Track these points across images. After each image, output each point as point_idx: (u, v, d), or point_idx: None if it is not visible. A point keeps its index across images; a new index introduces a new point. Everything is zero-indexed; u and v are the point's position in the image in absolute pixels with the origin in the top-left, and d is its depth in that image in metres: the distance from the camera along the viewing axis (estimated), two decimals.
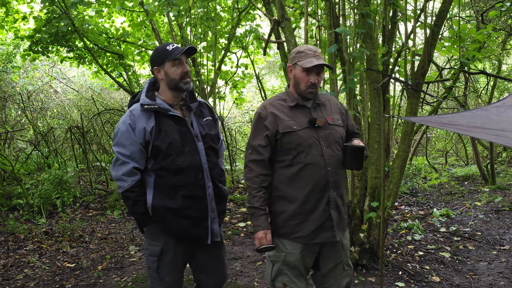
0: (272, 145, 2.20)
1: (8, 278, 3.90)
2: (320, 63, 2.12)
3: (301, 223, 2.17)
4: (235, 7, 7.11)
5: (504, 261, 4.12)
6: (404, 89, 5.39)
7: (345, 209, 2.29)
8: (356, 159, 2.16)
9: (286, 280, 2.20)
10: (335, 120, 2.25)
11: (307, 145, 2.15)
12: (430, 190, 7.52)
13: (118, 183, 2.25)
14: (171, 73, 2.25)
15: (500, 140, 1.81)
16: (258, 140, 2.20)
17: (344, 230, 2.28)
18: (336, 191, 2.21)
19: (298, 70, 2.17)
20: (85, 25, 6.37)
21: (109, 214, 5.94)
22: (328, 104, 2.30)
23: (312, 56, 2.14)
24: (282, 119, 2.18)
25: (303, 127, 2.17)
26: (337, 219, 2.21)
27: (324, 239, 2.18)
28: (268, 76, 15.09)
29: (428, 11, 4.57)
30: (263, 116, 2.22)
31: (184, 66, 2.26)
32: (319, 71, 2.18)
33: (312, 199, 2.16)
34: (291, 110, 2.21)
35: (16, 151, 9.01)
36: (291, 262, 2.19)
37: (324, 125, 2.19)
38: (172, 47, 2.24)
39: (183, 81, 2.25)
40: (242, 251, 4.51)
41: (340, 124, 2.27)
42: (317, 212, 2.16)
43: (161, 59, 2.25)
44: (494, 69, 9.33)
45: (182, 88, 2.27)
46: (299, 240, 2.18)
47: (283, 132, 2.16)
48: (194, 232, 2.29)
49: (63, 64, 8.26)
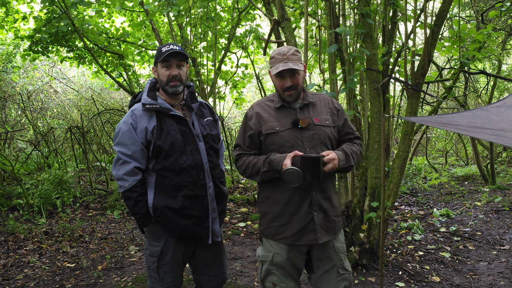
0: (257, 145, 2.23)
1: (8, 278, 3.90)
2: (284, 68, 2.08)
3: (285, 225, 2.18)
4: (235, 7, 7.11)
5: (504, 261, 4.12)
6: (404, 89, 5.39)
7: (335, 211, 2.24)
8: (309, 170, 2.01)
9: (275, 280, 2.21)
10: (323, 120, 2.21)
11: (290, 146, 2.14)
12: (430, 190, 7.52)
13: (119, 183, 2.25)
14: (160, 75, 2.27)
15: (500, 140, 1.81)
16: (241, 140, 2.26)
17: (334, 233, 2.22)
18: (321, 193, 2.17)
19: (273, 76, 2.19)
20: (85, 25, 6.37)
21: (109, 214, 5.94)
22: (319, 104, 2.27)
23: (280, 60, 2.12)
24: (266, 120, 2.20)
25: (286, 128, 2.16)
26: (322, 222, 2.16)
27: (307, 241, 2.16)
28: (268, 76, 15.08)
29: (428, 11, 4.57)
30: (248, 116, 2.26)
31: (172, 69, 2.24)
32: (292, 73, 2.14)
33: (295, 201, 2.15)
34: (277, 111, 2.22)
35: (16, 151, 9.01)
36: (278, 262, 2.20)
37: (309, 126, 2.16)
38: (167, 49, 2.23)
39: (170, 84, 2.24)
40: (242, 251, 4.51)
41: (329, 124, 2.22)
42: (300, 214, 2.15)
43: (156, 60, 2.28)
44: (494, 69, 9.33)
45: (168, 91, 2.26)
46: (284, 241, 2.18)
47: (266, 133, 2.18)
48: (195, 232, 2.29)
49: (63, 64, 8.27)
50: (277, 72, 2.11)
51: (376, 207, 3.82)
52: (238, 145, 2.28)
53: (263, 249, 2.26)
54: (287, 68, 2.09)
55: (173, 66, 2.24)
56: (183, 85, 2.29)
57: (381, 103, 3.90)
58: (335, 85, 3.99)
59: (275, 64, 2.14)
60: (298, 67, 2.11)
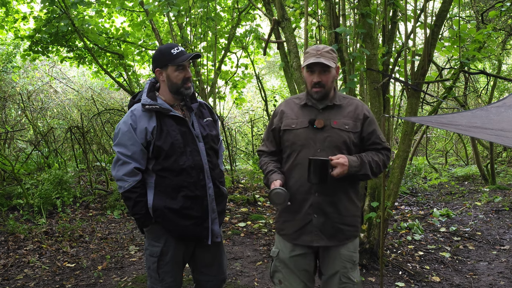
0: (277, 140, 2.29)
1: (8, 278, 3.90)
2: (314, 61, 2.05)
3: (287, 221, 2.21)
4: (235, 7, 7.11)
5: (504, 261, 4.12)
6: (404, 89, 5.39)
7: (343, 219, 2.15)
8: (317, 173, 1.99)
9: (281, 277, 2.24)
10: (341, 124, 2.14)
11: (301, 144, 2.15)
12: (430, 190, 7.52)
13: (119, 183, 2.25)
14: (173, 78, 2.24)
15: (500, 140, 1.81)
16: (266, 134, 2.36)
17: (339, 240, 2.16)
18: (324, 196, 2.11)
19: (304, 71, 2.19)
20: (85, 25, 6.37)
21: (109, 214, 5.94)
22: (345, 108, 2.19)
23: (314, 55, 2.10)
24: (287, 117, 2.23)
25: (302, 127, 2.17)
26: (322, 226, 2.12)
27: (304, 242, 2.16)
28: (268, 76, 15.10)
29: (428, 11, 4.57)
30: (274, 113, 2.32)
31: (186, 71, 2.25)
32: (323, 69, 2.09)
33: (297, 200, 2.16)
34: (300, 109, 2.22)
35: (16, 151, 9.01)
36: (283, 260, 2.23)
37: (325, 128, 2.13)
38: (177, 51, 2.22)
39: (185, 86, 2.25)
40: (242, 251, 4.51)
41: (348, 129, 2.14)
42: (300, 214, 2.16)
43: (165, 62, 2.23)
44: (494, 69, 9.33)
45: (183, 93, 2.28)
46: (285, 238, 2.23)
47: (283, 129, 2.22)
48: (195, 232, 2.29)
49: (63, 64, 8.26)
50: (307, 64, 2.08)
51: (376, 207, 3.82)
52: (262, 139, 2.39)
53: (274, 244, 2.32)
54: (317, 62, 2.06)
55: (186, 68, 2.25)
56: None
57: (381, 103, 3.90)
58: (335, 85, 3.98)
59: (307, 59, 2.11)
60: (329, 63, 2.07)
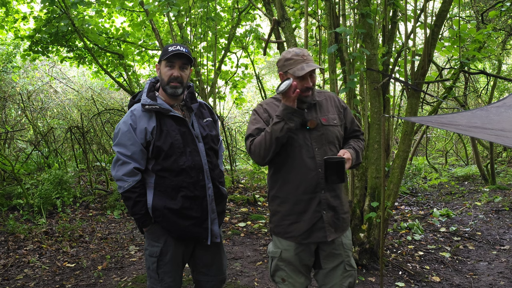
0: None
1: (8, 278, 3.90)
2: (311, 68, 2.07)
3: (293, 223, 2.19)
4: (235, 7, 7.11)
5: (504, 261, 4.12)
6: (404, 89, 5.39)
7: (344, 208, 2.26)
8: (335, 173, 2.03)
9: (284, 275, 2.25)
10: (330, 120, 2.22)
11: (298, 146, 2.15)
12: (430, 190, 7.52)
13: (119, 184, 2.25)
14: (163, 73, 2.26)
15: (500, 140, 1.80)
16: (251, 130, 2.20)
17: (342, 230, 2.26)
18: (329, 192, 2.18)
19: (292, 77, 2.12)
20: (85, 25, 6.37)
21: (109, 214, 5.94)
22: (325, 103, 2.26)
23: (302, 61, 2.10)
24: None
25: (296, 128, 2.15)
26: (331, 220, 2.19)
27: (316, 239, 2.18)
28: (268, 76, 15.09)
29: (428, 11, 4.57)
30: (258, 111, 2.25)
31: (174, 70, 2.23)
32: (312, 73, 2.14)
33: (304, 200, 2.17)
34: None
35: (16, 151, 9.01)
36: (286, 258, 2.23)
37: (317, 127, 2.17)
38: (173, 48, 2.22)
39: (170, 84, 2.24)
40: (242, 251, 4.51)
41: (336, 123, 2.23)
42: (308, 213, 2.17)
43: (161, 57, 2.27)
44: (494, 69, 9.33)
45: (167, 91, 2.26)
46: (292, 240, 2.21)
47: None
48: (195, 233, 2.29)
49: (63, 64, 8.26)
50: (304, 73, 2.07)
51: (376, 207, 3.82)
52: (249, 135, 2.20)
53: (273, 245, 2.30)
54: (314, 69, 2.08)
55: (176, 67, 2.24)
56: (183, 88, 2.28)
57: (381, 103, 3.90)
58: (335, 85, 3.99)
59: (296, 65, 2.10)
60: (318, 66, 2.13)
